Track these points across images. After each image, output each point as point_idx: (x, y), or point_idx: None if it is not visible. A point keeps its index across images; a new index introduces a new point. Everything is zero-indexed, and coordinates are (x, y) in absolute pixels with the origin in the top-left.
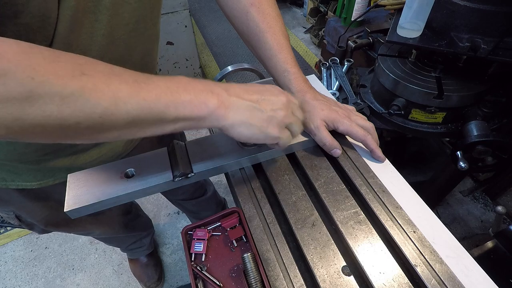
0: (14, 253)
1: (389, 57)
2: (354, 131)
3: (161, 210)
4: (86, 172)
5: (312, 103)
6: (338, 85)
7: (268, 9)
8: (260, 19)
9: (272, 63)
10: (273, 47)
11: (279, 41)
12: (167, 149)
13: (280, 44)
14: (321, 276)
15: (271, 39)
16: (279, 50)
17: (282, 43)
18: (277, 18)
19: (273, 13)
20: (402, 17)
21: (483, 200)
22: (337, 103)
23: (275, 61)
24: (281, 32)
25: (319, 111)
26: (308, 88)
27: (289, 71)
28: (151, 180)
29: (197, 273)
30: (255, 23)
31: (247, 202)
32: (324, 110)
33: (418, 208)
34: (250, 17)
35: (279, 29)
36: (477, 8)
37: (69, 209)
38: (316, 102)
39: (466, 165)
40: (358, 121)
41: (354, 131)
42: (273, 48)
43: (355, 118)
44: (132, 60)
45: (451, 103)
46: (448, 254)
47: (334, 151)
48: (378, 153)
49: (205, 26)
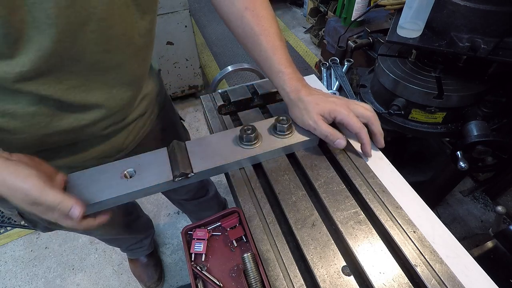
0: (14, 253)
1: (389, 57)
2: (350, 122)
3: (161, 210)
4: (86, 172)
5: (307, 99)
6: (338, 85)
7: (262, 11)
8: (255, 22)
9: (267, 64)
10: (268, 49)
11: (273, 43)
12: (167, 149)
13: (274, 46)
14: (321, 276)
15: (265, 41)
16: (274, 52)
17: (277, 45)
18: (271, 21)
19: (267, 16)
20: (402, 17)
21: (483, 200)
22: (335, 96)
23: (270, 62)
24: (276, 34)
25: (314, 105)
26: (302, 86)
27: (283, 72)
28: (151, 180)
29: (197, 273)
30: (250, 27)
31: (247, 202)
32: (320, 103)
33: (418, 208)
34: (245, 21)
35: (274, 31)
36: (477, 8)
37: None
38: (311, 98)
39: (466, 165)
40: (357, 110)
41: (351, 122)
42: (267, 50)
43: (354, 107)
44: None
45: (451, 103)
46: (448, 254)
47: (337, 142)
48: (367, 148)
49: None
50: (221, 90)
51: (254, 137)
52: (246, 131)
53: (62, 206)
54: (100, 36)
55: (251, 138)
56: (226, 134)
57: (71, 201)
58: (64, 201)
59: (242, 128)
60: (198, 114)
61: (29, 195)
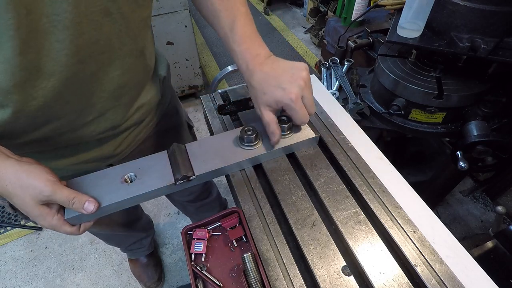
0: (14, 253)
1: (389, 57)
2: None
3: (161, 210)
4: (85, 178)
5: (256, 86)
6: (338, 85)
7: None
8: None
9: (225, 42)
10: (225, 26)
11: (232, 19)
12: (167, 152)
13: (232, 22)
14: (321, 276)
15: (224, 17)
16: (231, 29)
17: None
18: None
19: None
20: (402, 17)
21: (483, 200)
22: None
23: (226, 40)
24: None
25: (261, 95)
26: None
27: (235, 51)
28: (153, 184)
29: (197, 273)
30: (211, 2)
31: (247, 202)
32: (267, 93)
33: (418, 208)
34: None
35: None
36: (477, 8)
37: (69, 216)
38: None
39: (466, 165)
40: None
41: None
42: (225, 27)
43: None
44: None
45: (451, 103)
46: (448, 254)
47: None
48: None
49: (205, 26)
50: (221, 90)
51: (255, 137)
52: (246, 132)
53: (77, 200)
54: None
55: (252, 139)
56: (226, 135)
57: (85, 197)
58: (78, 196)
59: (242, 129)
60: (198, 114)
61: (43, 191)
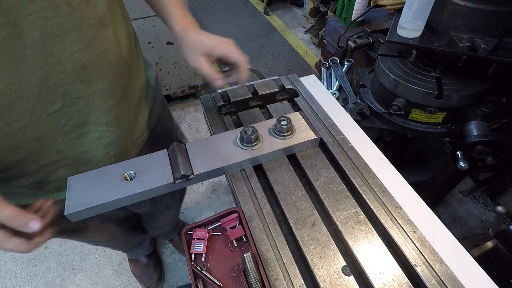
0: (14, 253)
1: (389, 57)
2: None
3: None
4: (86, 174)
5: (194, 39)
6: (338, 85)
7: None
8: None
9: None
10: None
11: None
12: (167, 151)
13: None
14: (321, 276)
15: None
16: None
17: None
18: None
19: None
20: (402, 17)
21: (483, 200)
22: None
23: (162, 6)
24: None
25: (200, 44)
26: (192, 27)
27: (174, 13)
28: (152, 182)
29: (197, 273)
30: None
31: (247, 202)
32: (205, 42)
33: (418, 208)
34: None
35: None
36: (477, 8)
37: (69, 212)
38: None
39: (466, 165)
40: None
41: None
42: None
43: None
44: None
45: (451, 103)
46: (448, 254)
47: (215, 82)
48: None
49: (205, 26)
50: (221, 90)
51: (255, 138)
52: (246, 132)
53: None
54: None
55: (252, 139)
56: (226, 135)
57: (29, 216)
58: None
59: (242, 129)
60: (198, 114)
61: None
